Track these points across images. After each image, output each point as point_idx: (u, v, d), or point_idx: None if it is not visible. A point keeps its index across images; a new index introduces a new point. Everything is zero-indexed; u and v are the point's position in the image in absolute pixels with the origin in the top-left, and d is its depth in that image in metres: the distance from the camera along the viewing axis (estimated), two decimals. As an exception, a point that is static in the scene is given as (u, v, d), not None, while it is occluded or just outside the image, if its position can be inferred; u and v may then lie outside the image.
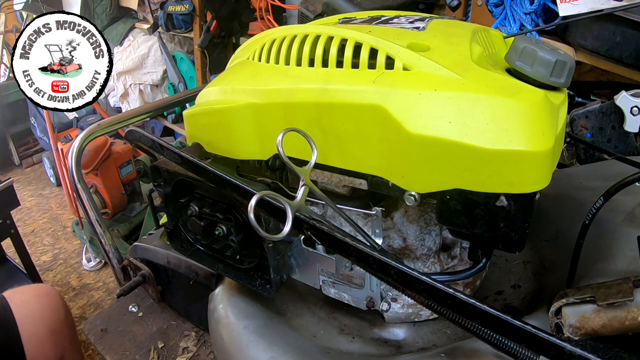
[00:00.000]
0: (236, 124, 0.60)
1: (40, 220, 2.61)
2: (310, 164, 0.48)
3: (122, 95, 2.63)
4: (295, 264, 0.65)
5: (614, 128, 0.86)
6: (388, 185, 0.51)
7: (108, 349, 1.55)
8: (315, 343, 0.64)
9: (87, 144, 1.03)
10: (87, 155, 2.00)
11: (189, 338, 1.55)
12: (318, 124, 0.52)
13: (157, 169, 0.69)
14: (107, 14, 2.56)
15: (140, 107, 1.20)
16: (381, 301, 0.62)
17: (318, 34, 0.56)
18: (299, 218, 0.48)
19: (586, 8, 0.88)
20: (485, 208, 0.45)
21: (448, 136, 0.43)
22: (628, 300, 0.39)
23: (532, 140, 0.41)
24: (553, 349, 0.36)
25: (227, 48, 2.23)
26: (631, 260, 0.53)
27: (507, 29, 1.05)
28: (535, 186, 0.43)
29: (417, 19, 0.61)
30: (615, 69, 0.94)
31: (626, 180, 0.47)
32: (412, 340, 0.65)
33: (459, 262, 0.66)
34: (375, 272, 0.46)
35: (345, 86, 0.50)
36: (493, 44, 0.59)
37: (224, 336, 0.65)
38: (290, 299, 0.73)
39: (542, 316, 0.49)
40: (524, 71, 0.47)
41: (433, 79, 0.46)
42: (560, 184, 0.75)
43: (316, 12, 1.35)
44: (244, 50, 0.69)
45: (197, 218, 0.64)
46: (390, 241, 0.63)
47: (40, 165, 3.21)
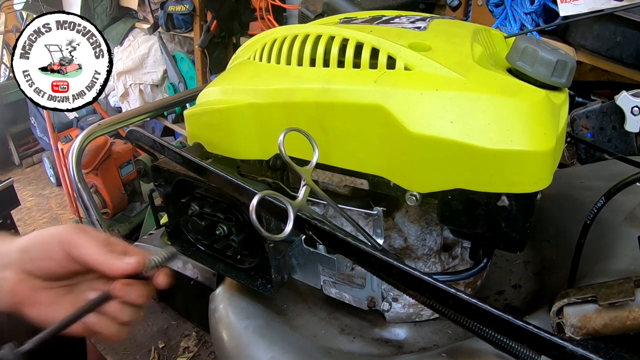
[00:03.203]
0: (237, 123, 0.59)
1: (41, 220, 2.61)
2: (311, 164, 0.48)
3: (122, 95, 2.63)
4: (296, 263, 0.65)
5: (614, 128, 0.86)
6: (389, 185, 0.51)
7: (108, 349, 1.54)
8: (316, 343, 0.64)
9: (88, 144, 1.04)
10: (87, 155, 2.00)
11: (189, 338, 1.55)
12: (319, 123, 0.52)
13: (157, 168, 0.69)
14: (107, 14, 2.56)
15: (140, 107, 1.20)
16: (382, 301, 0.62)
17: (319, 33, 0.56)
18: (301, 218, 0.48)
19: (586, 8, 0.88)
20: (486, 208, 0.45)
21: (449, 136, 0.43)
22: (629, 300, 0.39)
23: (533, 140, 0.41)
24: (555, 349, 0.36)
25: (227, 48, 2.23)
26: (632, 260, 0.53)
27: (508, 29, 1.05)
28: (537, 186, 0.43)
29: (418, 19, 0.61)
30: (615, 69, 0.94)
31: (627, 180, 0.47)
32: (413, 340, 0.65)
33: (460, 262, 0.66)
34: (377, 272, 0.46)
35: (347, 86, 0.50)
36: (494, 44, 0.59)
37: (224, 336, 0.65)
38: (291, 299, 0.73)
39: (543, 316, 0.49)
40: (525, 71, 0.47)
41: (434, 78, 0.46)
42: (560, 184, 0.75)
43: (316, 12, 1.35)
44: (244, 50, 0.69)
45: (198, 218, 0.64)
46: (391, 241, 0.63)
47: (40, 165, 3.21)
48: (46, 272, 0.49)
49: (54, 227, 0.49)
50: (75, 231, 0.49)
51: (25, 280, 0.48)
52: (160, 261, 0.51)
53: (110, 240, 0.50)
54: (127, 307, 0.49)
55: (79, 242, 0.48)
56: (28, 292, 0.48)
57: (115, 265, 0.48)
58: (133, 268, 0.48)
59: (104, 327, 0.49)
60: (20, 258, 0.48)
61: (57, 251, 0.48)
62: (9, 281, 0.48)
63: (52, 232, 0.49)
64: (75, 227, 0.50)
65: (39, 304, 0.48)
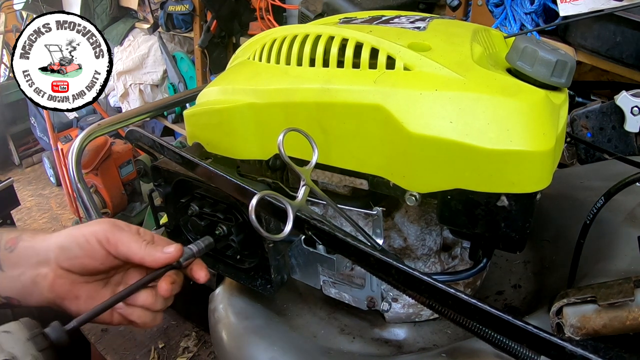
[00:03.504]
0: (237, 123, 0.59)
1: (41, 220, 2.61)
2: (311, 164, 0.48)
3: (122, 95, 2.63)
4: (295, 264, 0.65)
5: (614, 128, 0.86)
6: (389, 185, 0.51)
7: (108, 348, 1.55)
8: (315, 343, 0.64)
9: (87, 144, 1.04)
10: (87, 155, 2.00)
11: (189, 338, 1.55)
12: (319, 123, 0.52)
13: (157, 168, 0.69)
14: (107, 13, 2.56)
15: (140, 107, 1.20)
16: (382, 301, 0.62)
17: (319, 33, 0.56)
18: (300, 218, 0.48)
19: (586, 8, 0.88)
20: (486, 208, 0.45)
21: (449, 136, 0.43)
22: (629, 300, 0.39)
23: (533, 140, 0.41)
24: (554, 349, 0.36)
25: (227, 48, 2.23)
26: (632, 260, 0.53)
27: (508, 29, 1.05)
28: (536, 186, 0.43)
29: (417, 19, 0.61)
30: (615, 69, 0.94)
31: (627, 180, 0.47)
32: (412, 340, 0.65)
33: (460, 262, 0.66)
34: (376, 272, 0.46)
35: (346, 86, 0.50)
36: (494, 44, 0.59)
37: (224, 336, 0.65)
38: (291, 299, 0.73)
39: (543, 316, 0.49)
40: (524, 71, 0.47)
41: (434, 78, 0.46)
42: (560, 184, 0.74)
43: (316, 12, 1.35)
44: (244, 50, 0.69)
45: (197, 218, 0.64)
46: (391, 241, 0.63)
47: (40, 165, 3.21)
48: (86, 269, 0.50)
49: (88, 226, 0.51)
50: (112, 229, 0.50)
51: (64, 276, 0.50)
52: (197, 251, 0.53)
53: (140, 232, 0.52)
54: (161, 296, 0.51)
55: (118, 239, 0.50)
56: (68, 287, 0.50)
57: (156, 256, 0.50)
58: (173, 257, 0.50)
59: (139, 317, 0.51)
60: (58, 255, 0.50)
61: (98, 250, 0.49)
62: (48, 278, 0.49)
63: (88, 231, 0.50)
64: (110, 224, 0.51)
65: (79, 298, 0.50)
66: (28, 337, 0.41)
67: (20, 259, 0.50)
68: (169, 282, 0.50)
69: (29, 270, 0.50)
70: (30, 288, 0.50)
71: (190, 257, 0.53)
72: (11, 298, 0.50)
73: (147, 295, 0.50)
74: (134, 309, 0.51)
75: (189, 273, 0.54)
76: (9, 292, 0.50)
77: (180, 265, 0.52)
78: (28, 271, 0.50)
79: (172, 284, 0.51)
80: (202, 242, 0.55)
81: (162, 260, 0.50)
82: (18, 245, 0.51)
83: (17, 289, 0.50)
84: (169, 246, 0.51)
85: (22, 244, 0.51)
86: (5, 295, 0.50)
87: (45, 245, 0.50)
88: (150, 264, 0.50)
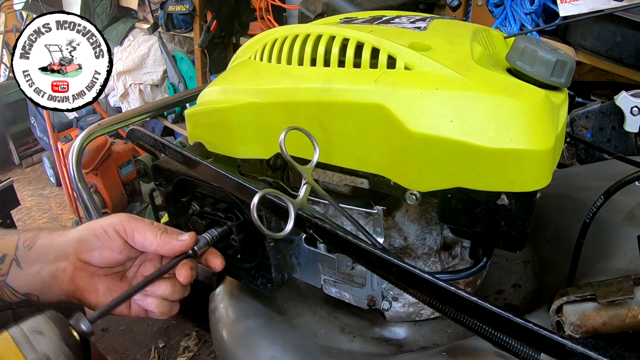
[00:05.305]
0: (238, 123, 0.60)
1: (40, 220, 2.61)
2: (312, 163, 0.48)
3: (122, 95, 2.63)
4: (296, 263, 0.65)
5: (614, 128, 0.86)
6: (389, 184, 0.51)
7: (109, 348, 1.55)
8: (316, 342, 0.64)
9: (87, 144, 1.04)
10: (87, 155, 2.00)
11: (189, 337, 1.55)
12: (320, 123, 0.52)
13: (158, 168, 0.69)
14: (107, 14, 2.56)
15: (140, 107, 1.20)
16: (382, 300, 0.62)
17: (320, 33, 0.56)
18: (301, 216, 0.49)
19: (586, 8, 0.88)
20: (486, 207, 0.45)
21: (449, 135, 0.43)
22: (628, 298, 0.39)
23: (532, 139, 0.42)
24: (554, 347, 0.36)
25: (227, 48, 2.24)
26: (631, 259, 0.53)
27: (508, 29, 1.06)
28: (536, 185, 0.43)
29: (418, 19, 0.62)
30: (615, 69, 0.94)
31: (626, 180, 0.48)
32: (413, 339, 0.65)
33: (460, 261, 0.66)
34: (377, 270, 0.46)
35: (347, 85, 0.50)
36: (494, 44, 0.59)
37: (224, 335, 0.65)
38: (292, 298, 0.73)
39: (542, 314, 0.49)
40: (524, 71, 0.47)
41: (434, 78, 0.47)
42: (560, 184, 0.75)
43: (316, 12, 1.35)
44: (245, 50, 0.69)
45: (198, 217, 0.64)
46: (391, 240, 0.63)
47: (40, 165, 3.21)
48: (105, 260, 0.52)
49: (105, 219, 0.52)
50: (128, 219, 0.52)
51: (83, 269, 0.51)
52: (211, 239, 0.54)
53: (154, 223, 0.53)
54: (179, 286, 0.52)
55: (134, 228, 0.51)
56: (87, 279, 0.51)
57: (172, 244, 0.51)
58: (188, 244, 0.52)
59: (157, 306, 0.52)
60: (77, 249, 0.51)
61: (116, 239, 0.51)
62: (68, 271, 0.51)
63: (105, 222, 0.52)
64: (126, 215, 0.53)
65: (98, 290, 0.51)
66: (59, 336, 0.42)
67: (39, 256, 0.51)
68: (187, 268, 0.51)
69: (48, 265, 0.51)
70: (50, 283, 0.51)
71: (205, 245, 0.54)
72: (30, 294, 0.51)
73: (166, 285, 0.51)
74: (152, 300, 0.52)
75: (205, 262, 0.55)
76: (27, 288, 0.51)
77: (196, 254, 0.52)
78: (47, 267, 0.51)
79: (191, 270, 0.52)
80: (215, 230, 0.56)
81: (178, 248, 0.51)
82: (36, 243, 0.52)
83: (36, 285, 0.51)
84: (183, 234, 0.52)
85: (40, 241, 0.52)
86: (25, 292, 0.51)
87: (64, 240, 0.52)
88: (166, 252, 0.52)
